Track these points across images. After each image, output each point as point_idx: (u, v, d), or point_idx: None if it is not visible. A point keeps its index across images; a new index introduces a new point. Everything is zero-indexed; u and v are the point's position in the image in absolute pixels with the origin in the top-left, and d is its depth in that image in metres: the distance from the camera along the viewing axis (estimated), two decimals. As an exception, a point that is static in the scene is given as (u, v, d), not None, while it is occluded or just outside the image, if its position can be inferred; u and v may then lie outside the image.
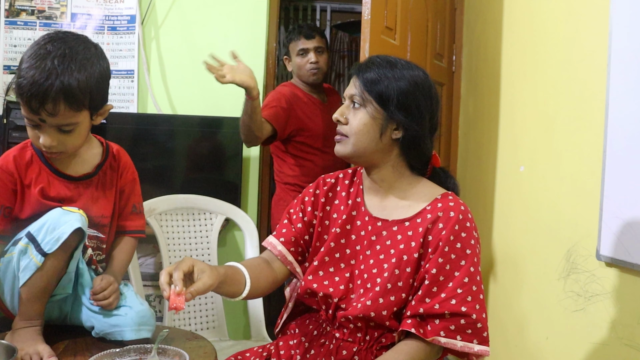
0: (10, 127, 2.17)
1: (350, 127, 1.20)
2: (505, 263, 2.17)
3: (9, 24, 2.44)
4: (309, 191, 1.33)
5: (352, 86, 1.23)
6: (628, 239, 1.46)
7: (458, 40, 2.74)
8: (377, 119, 1.19)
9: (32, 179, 1.19)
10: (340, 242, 1.24)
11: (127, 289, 1.27)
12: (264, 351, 1.28)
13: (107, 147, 1.32)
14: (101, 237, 1.29)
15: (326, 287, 1.21)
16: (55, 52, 1.10)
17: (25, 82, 1.08)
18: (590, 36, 1.70)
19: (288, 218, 1.33)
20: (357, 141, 1.19)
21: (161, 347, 1.08)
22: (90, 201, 1.25)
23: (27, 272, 1.10)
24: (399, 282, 1.15)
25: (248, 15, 2.55)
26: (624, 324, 1.49)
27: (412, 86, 1.19)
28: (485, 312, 1.13)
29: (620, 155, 1.51)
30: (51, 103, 1.09)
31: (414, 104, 1.18)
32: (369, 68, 1.21)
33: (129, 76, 2.49)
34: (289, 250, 1.29)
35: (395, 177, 1.23)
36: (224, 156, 2.44)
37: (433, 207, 1.18)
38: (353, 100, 1.21)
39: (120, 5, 2.48)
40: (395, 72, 1.19)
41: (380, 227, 1.21)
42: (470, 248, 1.14)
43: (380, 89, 1.18)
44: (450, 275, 1.12)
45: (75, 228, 1.10)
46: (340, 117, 1.22)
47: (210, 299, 1.89)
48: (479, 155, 2.49)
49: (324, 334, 1.23)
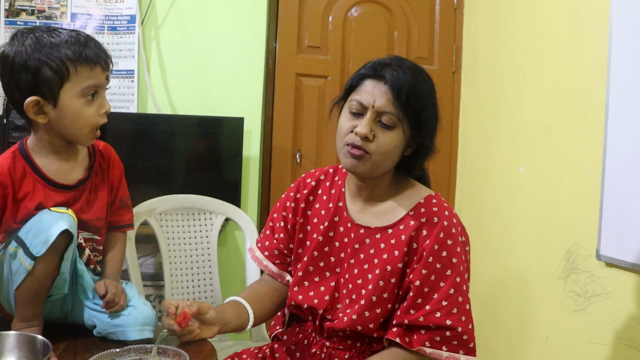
0: (10, 127, 2.17)
1: (377, 147, 1.08)
2: (505, 263, 2.17)
3: (9, 23, 2.44)
4: (290, 195, 1.29)
5: (380, 97, 1.08)
6: (628, 239, 1.46)
7: (458, 41, 2.74)
8: (405, 139, 1.11)
9: (27, 192, 1.15)
10: (323, 250, 1.21)
11: (129, 288, 1.26)
12: (259, 352, 1.27)
13: (92, 146, 1.28)
14: (97, 239, 1.27)
15: (311, 299, 1.19)
16: (65, 30, 1.14)
17: (80, 47, 1.10)
18: (590, 36, 1.70)
19: (271, 227, 1.31)
20: (382, 161, 1.10)
21: (161, 347, 1.07)
22: (86, 205, 1.23)
23: (19, 276, 1.09)
24: (384, 293, 1.12)
25: (248, 15, 2.55)
26: (624, 324, 1.49)
27: (436, 104, 1.15)
28: (472, 323, 1.10)
29: (620, 155, 1.51)
30: (106, 54, 1.16)
31: (434, 124, 1.16)
32: (401, 79, 1.08)
33: (129, 76, 2.49)
34: (274, 263, 1.29)
35: (386, 184, 1.19)
36: (223, 156, 2.44)
37: (416, 213, 1.14)
38: (382, 117, 1.08)
39: (120, 5, 2.48)
40: (426, 87, 1.12)
41: (363, 234, 1.17)
42: (456, 256, 1.10)
43: (418, 111, 1.10)
44: (435, 286, 1.09)
45: (62, 230, 1.07)
46: (369, 134, 1.08)
47: (210, 299, 1.89)
48: (479, 156, 2.49)
49: (315, 343, 1.22)
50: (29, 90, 1.09)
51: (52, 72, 1.08)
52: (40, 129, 1.16)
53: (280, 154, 2.62)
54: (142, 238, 1.94)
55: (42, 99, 1.10)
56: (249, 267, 1.89)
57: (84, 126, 1.14)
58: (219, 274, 1.91)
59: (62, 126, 1.13)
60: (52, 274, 1.13)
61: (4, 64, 1.11)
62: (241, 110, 2.49)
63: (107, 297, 1.16)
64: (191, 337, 1.14)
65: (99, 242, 1.28)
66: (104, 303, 1.16)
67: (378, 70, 1.10)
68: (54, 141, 1.17)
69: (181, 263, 1.87)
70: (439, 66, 2.73)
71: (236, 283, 2.44)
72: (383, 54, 2.75)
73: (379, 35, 2.69)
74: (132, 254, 1.75)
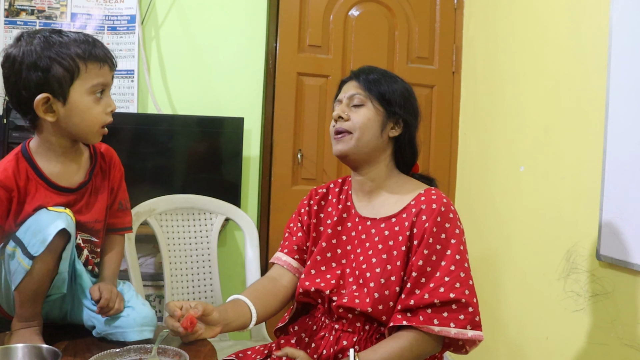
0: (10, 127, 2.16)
1: (353, 122, 1.25)
2: (505, 263, 2.17)
3: (9, 23, 2.44)
4: (304, 202, 1.39)
5: (350, 88, 1.29)
6: (628, 239, 1.46)
7: (458, 41, 2.74)
8: (379, 115, 1.25)
9: (30, 196, 1.15)
10: (331, 243, 1.29)
11: (128, 288, 1.26)
12: (265, 349, 1.30)
13: (93, 149, 1.29)
14: (95, 241, 1.27)
15: (317, 283, 1.25)
16: (71, 32, 1.15)
17: (89, 46, 1.12)
18: (590, 36, 1.70)
19: (289, 232, 1.40)
20: (361, 135, 1.24)
21: (161, 347, 1.08)
22: (85, 208, 1.23)
23: (18, 276, 1.09)
24: (392, 276, 1.18)
25: (248, 15, 2.55)
26: (624, 324, 1.49)
27: (407, 90, 1.31)
28: (476, 297, 1.15)
29: (620, 155, 1.51)
30: (112, 54, 1.19)
31: (410, 104, 1.29)
32: (367, 72, 1.29)
33: (129, 76, 2.49)
34: (294, 258, 1.36)
35: (385, 175, 1.29)
36: (223, 156, 2.44)
37: (417, 201, 1.22)
38: (353, 99, 1.27)
39: (120, 5, 2.48)
40: (392, 78, 1.30)
41: (369, 225, 1.26)
42: (454, 237, 1.17)
43: (382, 89, 1.27)
44: (436, 265, 1.15)
45: (60, 229, 1.07)
46: (342, 113, 1.26)
47: (210, 299, 1.89)
48: (479, 155, 2.49)
49: (324, 327, 1.25)
50: (39, 88, 1.10)
51: (62, 69, 1.09)
52: (45, 130, 1.16)
53: (281, 154, 2.62)
54: (142, 238, 1.94)
55: (52, 97, 1.10)
56: (249, 267, 1.89)
57: (93, 123, 1.16)
58: (219, 274, 1.91)
59: (71, 124, 1.14)
60: (51, 274, 1.12)
61: (10, 64, 1.11)
62: (241, 110, 2.50)
63: (100, 303, 1.15)
64: (194, 337, 1.15)
65: (96, 245, 1.27)
66: (98, 309, 1.16)
67: (352, 74, 1.32)
68: (59, 142, 1.17)
69: (181, 263, 1.87)
70: (439, 66, 2.73)
71: (236, 283, 2.44)
72: (384, 53, 2.78)
73: (379, 34, 2.69)
74: (132, 254, 1.75)
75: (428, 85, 2.70)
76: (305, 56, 2.65)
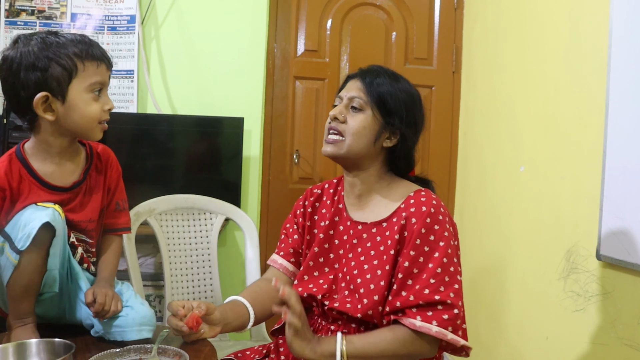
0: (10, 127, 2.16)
1: (348, 128, 1.22)
2: (505, 263, 2.17)
3: (9, 24, 2.44)
4: (299, 203, 1.38)
5: (353, 88, 1.25)
6: (628, 239, 1.46)
7: (458, 41, 2.74)
8: (375, 124, 1.22)
9: (24, 195, 1.16)
10: (324, 247, 1.28)
11: (126, 288, 1.26)
12: (264, 349, 1.30)
13: (90, 149, 1.29)
14: (89, 241, 1.27)
15: (310, 289, 1.24)
16: (67, 33, 1.18)
17: (86, 46, 1.14)
18: (590, 36, 1.70)
19: (285, 233, 1.39)
20: (353, 142, 1.21)
21: (161, 347, 1.08)
22: (79, 207, 1.23)
23: (7, 272, 1.10)
24: (381, 281, 1.16)
25: (248, 15, 2.55)
26: (624, 324, 1.49)
27: (412, 100, 1.25)
28: (462, 301, 1.14)
29: (620, 155, 1.51)
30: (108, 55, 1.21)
31: (412, 116, 1.24)
32: (373, 74, 1.24)
33: (129, 76, 2.49)
34: (290, 261, 1.35)
35: (375, 180, 1.26)
36: (223, 156, 2.44)
37: (406, 204, 1.20)
38: (353, 101, 1.23)
39: (120, 5, 2.48)
40: (399, 84, 1.24)
41: (360, 230, 1.24)
42: (443, 240, 1.14)
43: (385, 97, 1.22)
44: (423, 266, 1.13)
45: (44, 222, 1.08)
46: (339, 115, 1.22)
47: (210, 299, 1.89)
48: (479, 155, 2.49)
49: (320, 329, 1.25)
50: (38, 88, 1.11)
51: (61, 68, 1.11)
52: (43, 130, 1.17)
53: (281, 154, 2.63)
54: (142, 238, 1.94)
55: (51, 95, 1.12)
56: (249, 267, 1.89)
57: (92, 120, 1.17)
58: (219, 274, 1.91)
59: (71, 122, 1.15)
60: (40, 269, 1.13)
61: (8, 66, 1.12)
62: (241, 110, 2.50)
63: (95, 308, 1.15)
64: (196, 337, 1.15)
65: (91, 245, 1.27)
66: (94, 313, 1.16)
67: (360, 72, 1.27)
68: (57, 142, 1.18)
69: (181, 263, 1.87)
70: (439, 66, 2.73)
71: (236, 283, 2.44)
72: (380, 55, 2.78)
73: (376, 37, 2.71)
74: (132, 254, 1.75)
75: (427, 85, 2.70)
76: (302, 60, 2.67)
